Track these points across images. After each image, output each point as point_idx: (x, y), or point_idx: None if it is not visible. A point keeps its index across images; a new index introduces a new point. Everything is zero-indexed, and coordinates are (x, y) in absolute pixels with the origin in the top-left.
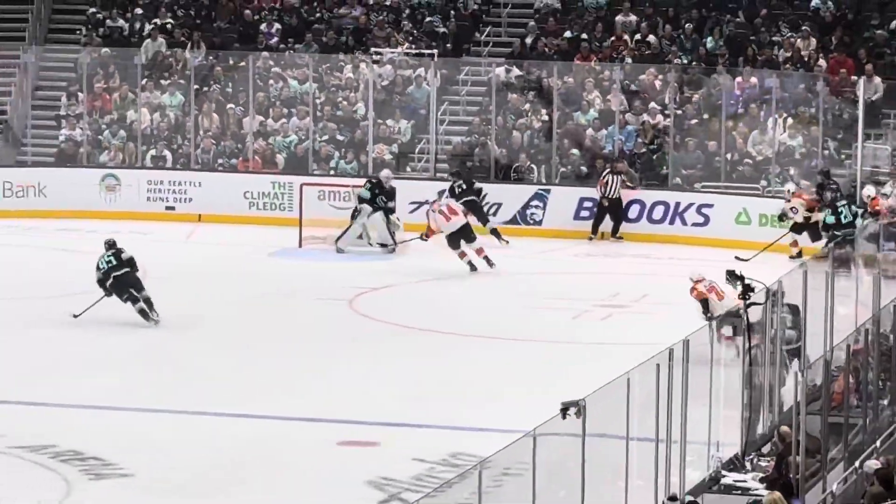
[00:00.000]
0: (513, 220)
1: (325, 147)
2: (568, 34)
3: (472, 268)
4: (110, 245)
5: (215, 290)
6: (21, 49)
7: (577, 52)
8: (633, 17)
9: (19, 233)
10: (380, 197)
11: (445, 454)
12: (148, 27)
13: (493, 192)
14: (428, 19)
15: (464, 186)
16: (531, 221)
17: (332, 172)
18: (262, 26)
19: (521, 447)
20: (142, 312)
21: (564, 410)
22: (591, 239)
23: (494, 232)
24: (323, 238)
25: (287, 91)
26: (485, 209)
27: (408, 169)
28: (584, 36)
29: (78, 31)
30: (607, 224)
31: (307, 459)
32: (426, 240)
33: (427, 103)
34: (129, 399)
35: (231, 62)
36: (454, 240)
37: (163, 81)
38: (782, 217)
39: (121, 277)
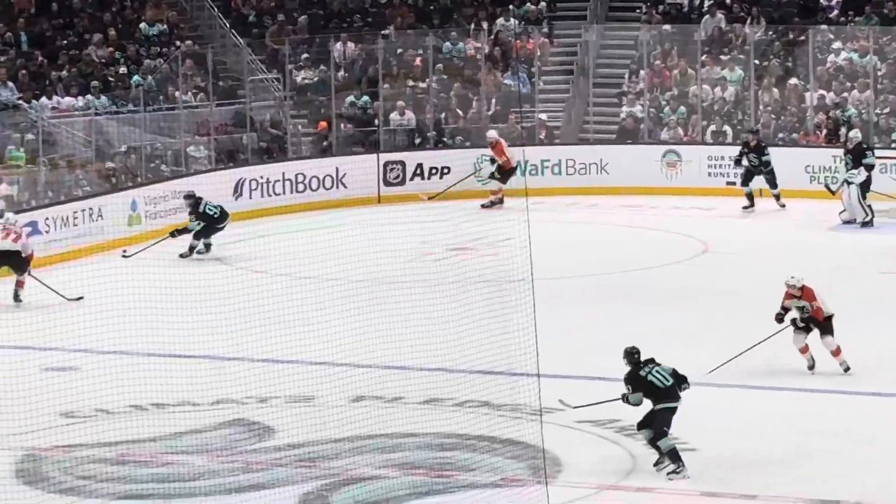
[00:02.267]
0: None
1: (887, 120)
2: None
3: None
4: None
5: (780, 265)
6: (582, 28)
7: None
8: None
9: (583, 210)
10: None
11: None
12: (707, 3)
13: None
14: None
15: None
16: None
17: (893, 146)
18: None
19: None
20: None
21: None
22: None
23: None
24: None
25: (847, 64)
26: None
27: None
28: None
29: (638, 10)
30: None
31: None
32: None
33: None
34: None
35: (790, 36)
36: None
37: (722, 56)
38: None
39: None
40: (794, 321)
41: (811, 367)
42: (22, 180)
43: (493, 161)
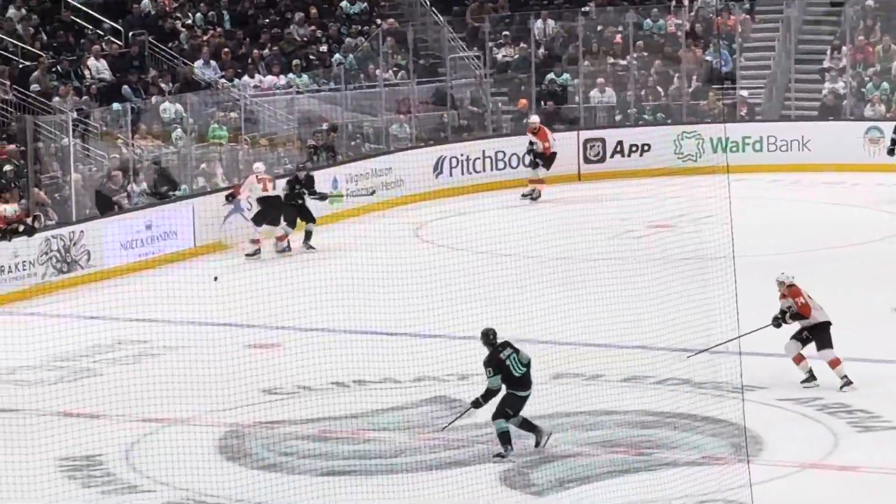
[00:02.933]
0: None
1: None
2: None
3: None
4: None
5: None
6: (784, 4)
7: None
8: None
9: (784, 186)
10: None
11: None
12: None
13: None
14: None
15: None
16: None
17: None
18: None
19: None
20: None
21: None
22: None
23: None
24: None
25: None
26: None
27: None
28: None
29: None
30: None
31: None
32: None
33: None
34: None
35: None
36: None
37: None
38: None
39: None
40: (775, 319)
41: (807, 380)
42: (225, 158)
43: (531, 145)
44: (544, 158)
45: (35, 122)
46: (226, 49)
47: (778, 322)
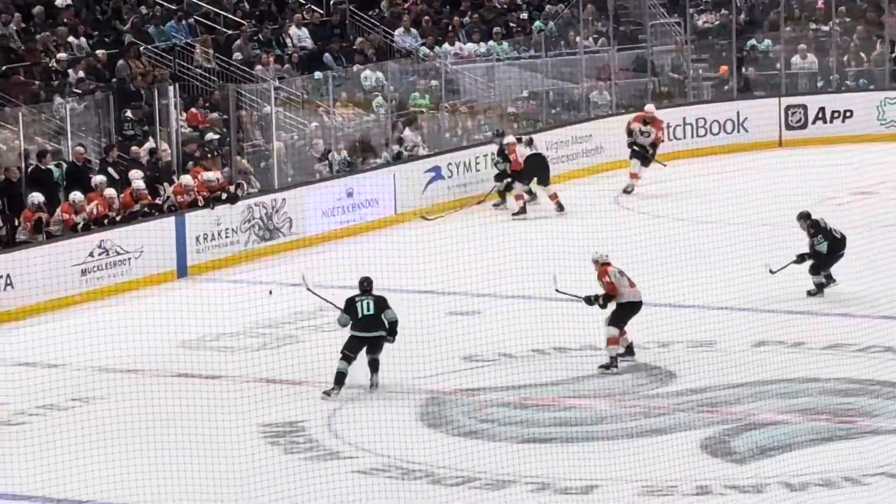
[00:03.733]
0: None
1: None
2: None
3: None
4: None
5: None
6: None
7: None
8: None
9: None
10: None
11: None
12: None
13: None
14: None
15: None
16: None
17: None
18: None
19: None
20: None
21: None
22: None
23: None
24: None
25: None
26: None
27: None
28: None
29: None
30: None
31: None
32: None
33: None
34: None
35: None
36: None
37: None
38: None
39: None
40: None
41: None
42: (425, 126)
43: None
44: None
45: (237, 90)
46: (426, 17)
47: None
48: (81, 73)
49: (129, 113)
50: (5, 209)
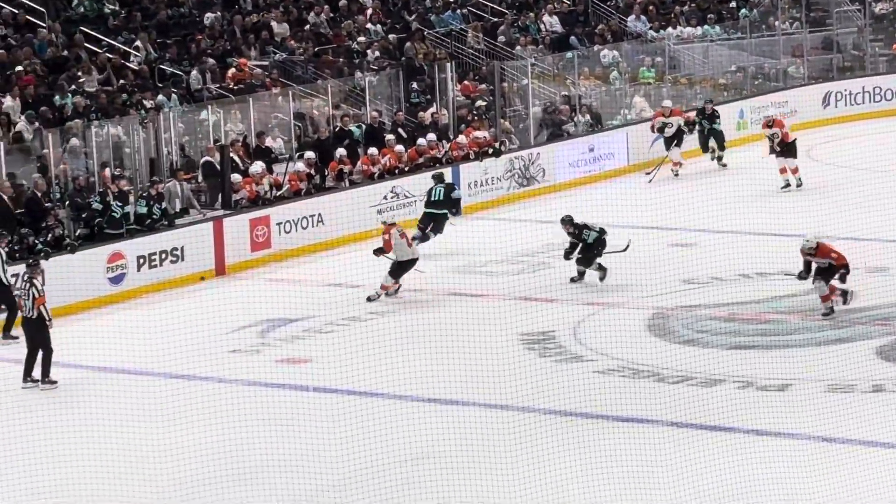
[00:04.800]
0: None
1: None
2: None
3: None
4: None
5: None
6: None
7: None
8: None
9: None
10: None
11: None
12: None
13: None
14: None
15: None
16: None
17: None
18: None
19: None
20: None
21: None
22: None
23: None
24: None
25: None
26: None
27: None
28: None
29: None
30: None
31: None
32: None
33: None
34: None
35: None
36: None
37: None
38: None
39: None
40: None
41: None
42: (651, 94)
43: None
44: (785, 145)
45: (501, 66)
46: (653, 6)
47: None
48: (377, 53)
49: (414, 85)
50: (318, 162)
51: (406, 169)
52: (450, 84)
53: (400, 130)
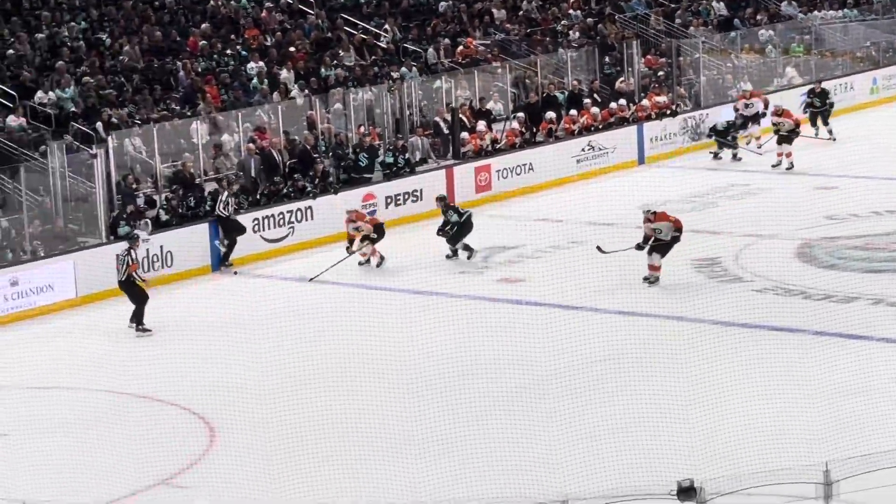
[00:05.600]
0: None
1: None
2: None
3: None
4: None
5: None
6: None
7: None
8: None
9: None
10: None
11: None
12: None
13: None
14: None
15: None
16: None
17: None
18: None
19: None
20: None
21: None
22: None
23: None
24: None
25: None
26: None
27: None
28: None
29: None
30: None
31: None
32: None
33: None
34: None
35: None
36: None
37: None
38: None
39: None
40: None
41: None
42: (801, 65)
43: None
44: (787, 132)
45: (677, 43)
46: None
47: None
48: (577, 34)
49: (607, 59)
50: (528, 121)
51: (600, 127)
52: (636, 58)
53: (595, 96)
